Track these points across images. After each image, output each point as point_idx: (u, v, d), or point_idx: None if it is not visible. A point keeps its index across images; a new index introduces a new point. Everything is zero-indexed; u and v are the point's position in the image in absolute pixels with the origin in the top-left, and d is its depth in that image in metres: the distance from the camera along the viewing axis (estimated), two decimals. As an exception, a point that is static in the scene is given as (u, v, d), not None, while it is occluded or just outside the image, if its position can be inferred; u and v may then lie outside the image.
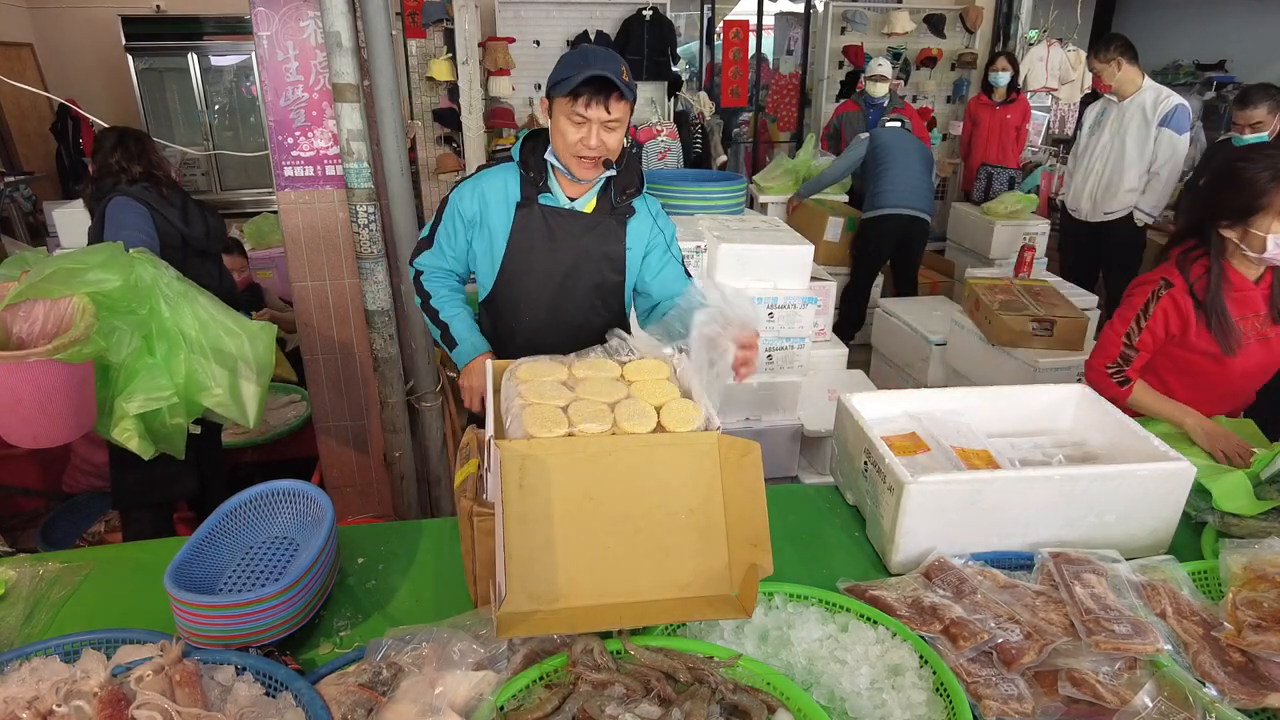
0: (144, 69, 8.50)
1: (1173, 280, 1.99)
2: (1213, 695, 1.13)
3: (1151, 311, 1.99)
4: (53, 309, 1.76)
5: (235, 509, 1.42)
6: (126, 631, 1.23)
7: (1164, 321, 1.99)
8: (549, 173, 1.80)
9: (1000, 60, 5.50)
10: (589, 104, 1.63)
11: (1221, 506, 1.59)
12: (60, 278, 1.76)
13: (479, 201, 1.80)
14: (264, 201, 8.33)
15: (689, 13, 8.32)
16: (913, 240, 4.58)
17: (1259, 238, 1.85)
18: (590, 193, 1.82)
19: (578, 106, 1.63)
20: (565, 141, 1.69)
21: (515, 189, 1.79)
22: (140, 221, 2.35)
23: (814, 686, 1.16)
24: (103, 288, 1.80)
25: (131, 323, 1.88)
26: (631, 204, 1.85)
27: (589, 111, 1.63)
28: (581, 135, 1.66)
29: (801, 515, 1.69)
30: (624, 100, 1.66)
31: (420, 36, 5.84)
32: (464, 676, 1.07)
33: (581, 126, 1.66)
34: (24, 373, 1.64)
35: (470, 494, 1.29)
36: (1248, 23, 8.72)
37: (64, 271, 1.76)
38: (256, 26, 2.55)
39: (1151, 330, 2.00)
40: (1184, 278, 1.98)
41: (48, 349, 1.63)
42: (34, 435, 1.73)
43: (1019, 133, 5.68)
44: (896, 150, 4.48)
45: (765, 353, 2.96)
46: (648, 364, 1.43)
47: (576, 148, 1.68)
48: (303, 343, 2.91)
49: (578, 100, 1.63)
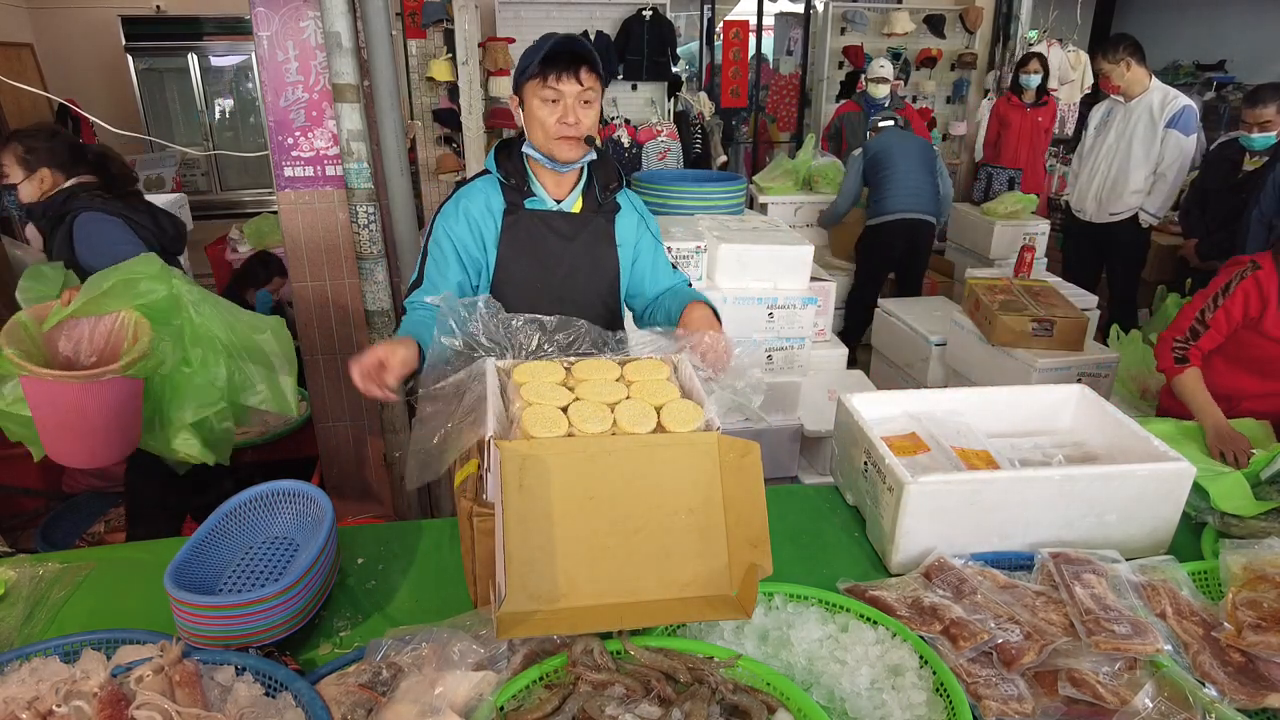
0: (144, 69, 8.51)
1: (1261, 263, 2.03)
2: (1213, 695, 1.13)
3: (1232, 291, 2.03)
4: (98, 325, 1.76)
5: (235, 509, 1.42)
6: (126, 632, 1.23)
7: (1243, 302, 2.01)
8: (530, 176, 1.77)
9: (1032, 62, 5.47)
10: (560, 77, 1.61)
11: (1220, 506, 1.59)
12: (117, 291, 1.75)
13: (465, 219, 1.75)
14: (264, 201, 8.33)
15: (689, 13, 8.32)
16: (918, 244, 4.52)
17: None
18: (575, 192, 1.80)
19: (549, 83, 1.62)
20: (543, 126, 1.66)
21: (498, 199, 1.76)
22: (125, 235, 2.20)
23: (814, 687, 1.16)
24: (150, 299, 1.80)
25: (171, 333, 1.88)
26: (615, 200, 1.85)
27: (561, 85, 1.62)
28: (558, 114, 1.64)
29: (801, 515, 1.69)
30: (594, 72, 1.64)
31: (420, 36, 5.84)
32: (464, 677, 1.07)
33: (557, 104, 1.64)
34: (95, 392, 1.63)
35: (470, 494, 1.29)
36: (1248, 23, 8.72)
37: (121, 284, 1.76)
38: (256, 26, 2.55)
39: (1228, 309, 2.02)
40: (1275, 264, 2.01)
41: (121, 366, 1.63)
42: (91, 453, 1.73)
43: (1047, 135, 5.67)
44: (895, 153, 4.44)
45: (765, 353, 2.96)
46: (648, 364, 1.43)
47: (555, 128, 1.65)
48: (303, 343, 2.91)
49: (548, 77, 1.62)
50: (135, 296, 1.78)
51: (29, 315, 1.74)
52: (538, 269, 1.78)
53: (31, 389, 1.64)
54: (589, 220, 1.81)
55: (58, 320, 1.71)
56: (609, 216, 1.83)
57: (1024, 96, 5.56)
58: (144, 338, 1.70)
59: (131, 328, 1.74)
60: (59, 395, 1.63)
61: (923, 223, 4.42)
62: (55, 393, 1.63)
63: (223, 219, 7.25)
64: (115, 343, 1.74)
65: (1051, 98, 5.66)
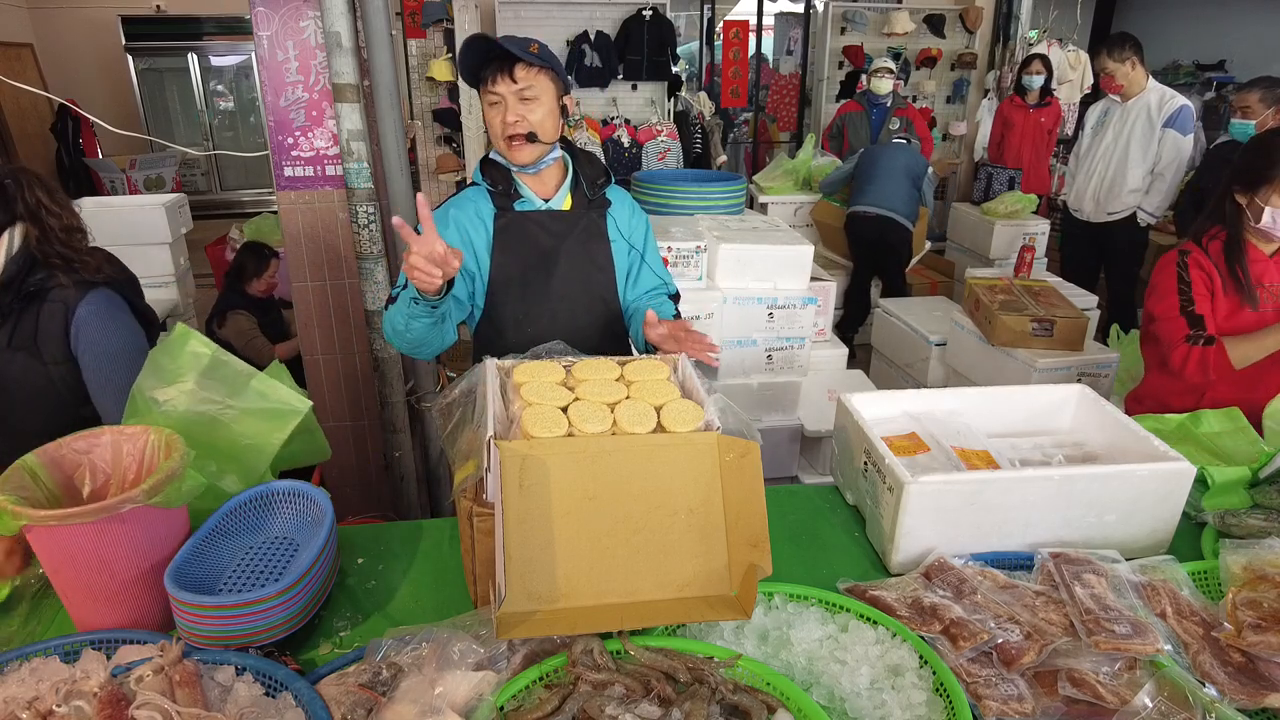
0: (144, 69, 8.52)
1: (1189, 249, 2.11)
2: (1213, 695, 1.13)
3: (1188, 278, 2.08)
4: (122, 449, 1.39)
5: (235, 509, 1.42)
6: (126, 632, 1.23)
7: (1204, 279, 2.07)
8: (515, 180, 1.78)
9: (1035, 63, 5.49)
10: (494, 79, 1.63)
11: (1209, 505, 1.62)
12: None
13: (455, 228, 1.75)
14: (264, 201, 8.33)
15: (689, 13, 8.33)
16: (889, 241, 4.66)
17: (1259, 208, 1.97)
18: (563, 190, 1.81)
19: (487, 87, 1.65)
20: (493, 131, 1.69)
21: (487, 205, 1.77)
22: (136, 323, 1.77)
23: (814, 686, 1.16)
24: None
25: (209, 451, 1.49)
26: (605, 195, 1.85)
27: (497, 87, 1.64)
28: (501, 114, 1.66)
29: (801, 515, 1.69)
30: (531, 67, 1.63)
31: (420, 36, 5.85)
32: (464, 677, 1.07)
33: (498, 106, 1.66)
34: (115, 533, 1.23)
35: (470, 494, 1.29)
36: (1248, 23, 8.72)
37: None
38: (256, 26, 2.55)
39: (1198, 289, 2.07)
40: (1200, 247, 2.10)
41: (144, 490, 1.21)
42: (131, 612, 1.28)
43: (1050, 136, 5.68)
44: (884, 160, 4.68)
45: (765, 353, 2.96)
46: (647, 364, 1.43)
47: (501, 129, 1.67)
48: (302, 343, 2.91)
49: (485, 82, 1.65)
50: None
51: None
52: (533, 268, 1.78)
53: (39, 544, 1.25)
54: (580, 217, 1.81)
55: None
56: (600, 212, 1.83)
57: (1027, 98, 5.56)
58: (176, 453, 1.30)
59: (162, 446, 1.36)
60: (68, 543, 1.21)
61: (890, 221, 4.59)
62: (65, 541, 1.21)
63: (223, 219, 7.25)
64: (149, 468, 1.36)
65: (1055, 99, 5.67)
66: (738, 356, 2.94)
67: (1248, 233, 2.05)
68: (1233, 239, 2.05)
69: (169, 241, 4.28)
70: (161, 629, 1.27)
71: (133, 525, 1.22)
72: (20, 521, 1.17)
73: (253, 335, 3.68)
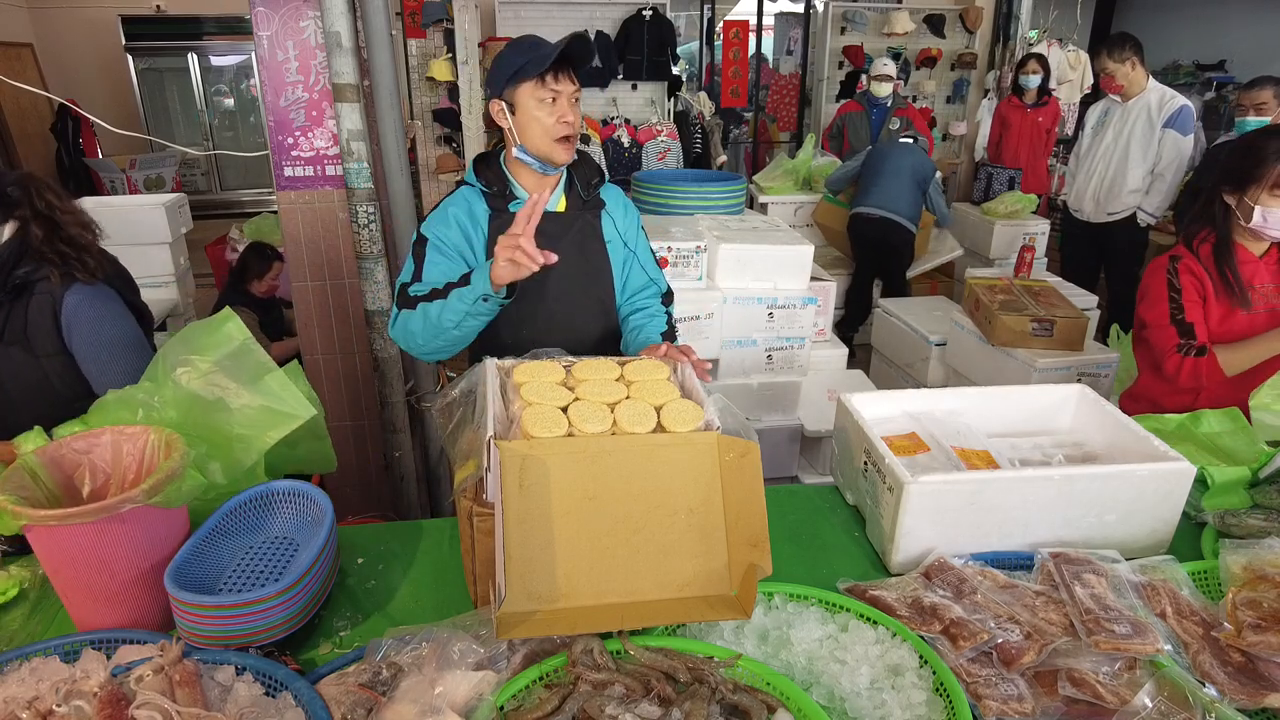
0: (144, 69, 8.52)
1: (1180, 254, 2.11)
2: (1213, 695, 1.13)
3: (1179, 284, 2.08)
4: (120, 450, 1.38)
5: (235, 509, 1.42)
6: (126, 631, 1.23)
7: (1195, 285, 2.07)
8: (510, 181, 1.77)
9: (1031, 63, 5.49)
10: (557, 77, 1.63)
11: (1209, 505, 1.61)
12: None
13: (455, 225, 1.74)
14: (264, 201, 8.33)
15: (689, 13, 8.32)
16: (891, 242, 4.66)
17: (1249, 207, 1.97)
18: (558, 191, 1.80)
19: (547, 83, 1.63)
20: (542, 127, 1.65)
21: (481, 206, 1.76)
22: (129, 313, 1.76)
23: (814, 686, 1.16)
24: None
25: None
26: (599, 195, 1.85)
27: (559, 85, 1.64)
28: (558, 113, 1.65)
29: (801, 515, 1.69)
30: (577, 72, 1.68)
31: (420, 36, 5.85)
32: (464, 676, 1.07)
33: (556, 105, 1.64)
34: (115, 533, 1.23)
35: (470, 494, 1.29)
36: (1248, 23, 8.72)
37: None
38: (256, 26, 2.55)
39: (1188, 296, 2.07)
40: (1191, 251, 2.10)
41: (144, 490, 1.21)
42: (130, 613, 1.28)
43: (1049, 135, 5.68)
44: (890, 160, 4.64)
45: (765, 352, 2.96)
46: (647, 364, 1.44)
47: (556, 128, 1.65)
48: (303, 343, 2.91)
49: (546, 77, 1.63)
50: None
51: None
52: None
53: (39, 543, 1.24)
54: (575, 219, 1.81)
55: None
56: (595, 213, 1.83)
57: (1024, 97, 5.56)
58: (176, 453, 1.29)
59: (162, 446, 1.35)
60: (68, 544, 1.21)
61: (893, 223, 4.58)
62: (65, 541, 1.21)
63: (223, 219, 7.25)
64: (149, 468, 1.35)
65: (1053, 98, 5.67)
66: (737, 356, 2.94)
67: (1237, 233, 2.05)
68: (1222, 240, 2.05)
69: (169, 241, 4.28)
70: (161, 629, 1.27)
71: (133, 525, 1.22)
72: (20, 521, 1.18)
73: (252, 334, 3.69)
